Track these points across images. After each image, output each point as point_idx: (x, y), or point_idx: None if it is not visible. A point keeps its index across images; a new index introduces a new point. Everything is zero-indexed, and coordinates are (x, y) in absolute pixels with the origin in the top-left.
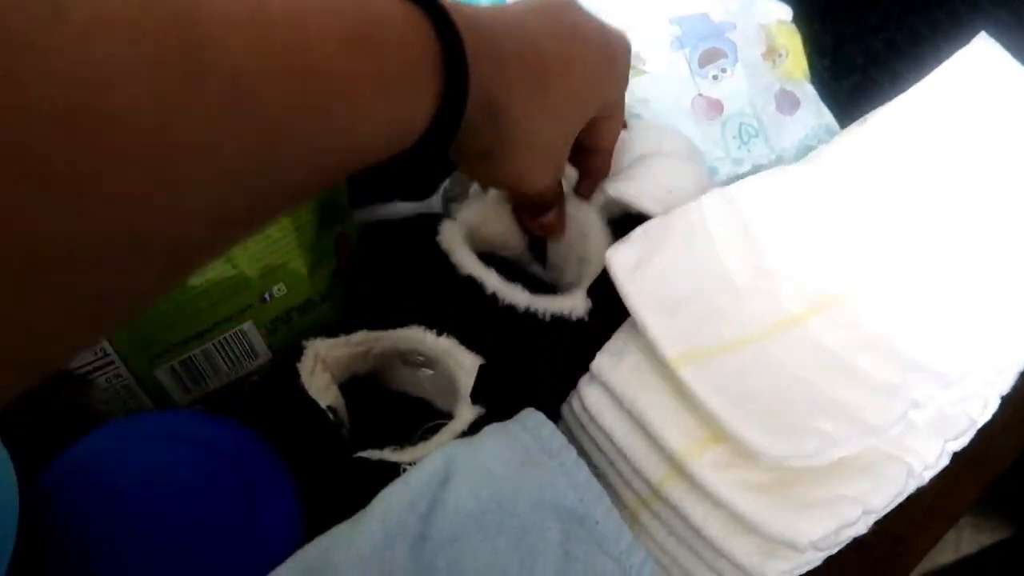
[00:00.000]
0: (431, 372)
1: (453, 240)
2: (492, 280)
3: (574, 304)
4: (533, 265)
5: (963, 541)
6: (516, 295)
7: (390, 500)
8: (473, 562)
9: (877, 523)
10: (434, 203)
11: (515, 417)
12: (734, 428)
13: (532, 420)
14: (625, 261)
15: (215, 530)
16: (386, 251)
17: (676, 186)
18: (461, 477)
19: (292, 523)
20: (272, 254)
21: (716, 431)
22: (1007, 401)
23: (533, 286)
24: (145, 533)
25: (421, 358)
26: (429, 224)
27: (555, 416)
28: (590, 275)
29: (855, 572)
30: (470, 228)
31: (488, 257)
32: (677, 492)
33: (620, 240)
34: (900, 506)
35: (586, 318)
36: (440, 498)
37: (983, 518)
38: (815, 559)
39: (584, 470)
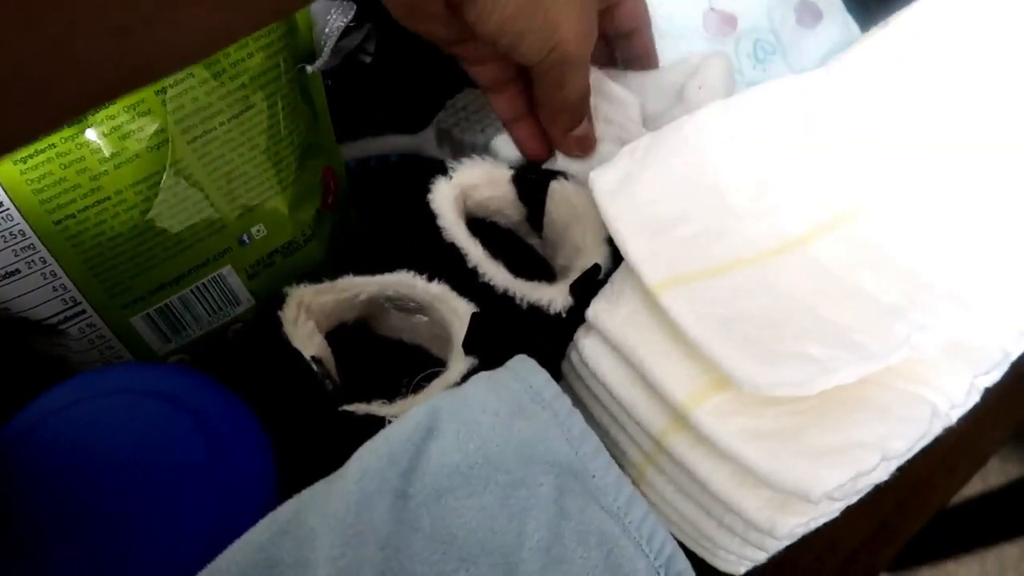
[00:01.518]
0: (425, 318)
1: (443, 203)
2: (476, 253)
3: (553, 297)
4: (532, 237)
5: (990, 473)
6: (497, 274)
7: (368, 456)
8: (459, 519)
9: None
10: (427, 136)
11: (505, 365)
12: (715, 354)
13: (523, 367)
14: (608, 183)
15: (183, 490)
16: (376, 193)
17: None
18: (446, 429)
19: (266, 484)
20: (249, 192)
21: (720, 377)
22: None
23: (527, 260)
24: (110, 490)
25: (413, 304)
26: (422, 171)
27: None
28: (579, 268)
29: (871, 519)
30: (464, 190)
31: (486, 224)
32: (681, 444)
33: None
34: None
35: (564, 314)
36: (423, 452)
37: (1012, 449)
38: (831, 511)
39: (580, 421)
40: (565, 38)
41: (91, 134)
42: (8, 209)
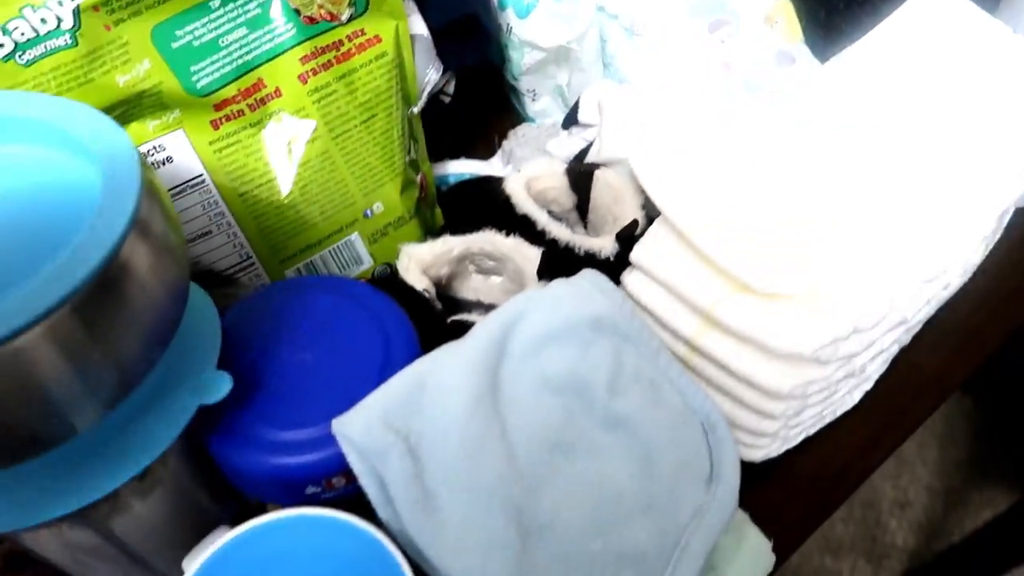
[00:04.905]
0: (499, 278)
1: (515, 188)
2: (542, 217)
3: (603, 244)
4: (578, 226)
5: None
6: (560, 231)
7: (479, 330)
8: (549, 365)
9: (878, 395)
10: (495, 161)
11: (577, 275)
12: (735, 269)
13: (590, 273)
14: (645, 160)
15: (362, 354)
16: (458, 194)
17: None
18: (535, 309)
19: (412, 357)
20: (372, 178)
21: (738, 285)
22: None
23: None
24: (314, 349)
25: (491, 263)
26: (491, 182)
27: None
28: None
29: (861, 436)
30: (528, 180)
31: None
32: (709, 340)
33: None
34: (899, 378)
35: (612, 259)
36: (519, 324)
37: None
38: (823, 376)
39: (631, 305)
40: None
41: (264, 133)
42: (208, 185)
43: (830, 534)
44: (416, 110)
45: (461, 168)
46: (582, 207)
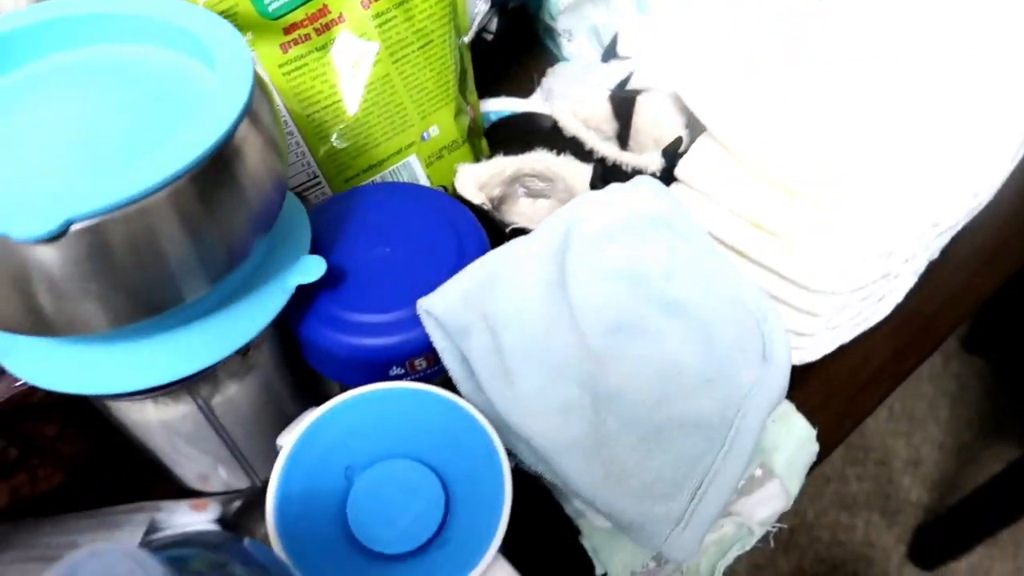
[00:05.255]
0: (548, 201)
1: (563, 112)
2: (591, 137)
3: (650, 161)
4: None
5: (979, 474)
6: (608, 149)
7: (544, 227)
8: (607, 255)
9: (907, 308)
10: (535, 100)
11: (631, 180)
12: (782, 177)
13: (644, 178)
14: (689, 76)
15: (435, 254)
16: (505, 125)
17: None
18: (595, 208)
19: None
20: (428, 102)
21: (783, 190)
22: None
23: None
24: (388, 253)
25: (541, 184)
26: (536, 113)
27: None
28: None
29: (890, 347)
30: (573, 108)
31: None
32: (757, 246)
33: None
34: (927, 292)
35: (658, 174)
36: (581, 221)
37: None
38: (865, 273)
39: (681, 205)
40: None
41: (332, 54)
42: (278, 106)
43: (845, 491)
44: (467, 39)
45: (502, 105)
46: (623, 135)
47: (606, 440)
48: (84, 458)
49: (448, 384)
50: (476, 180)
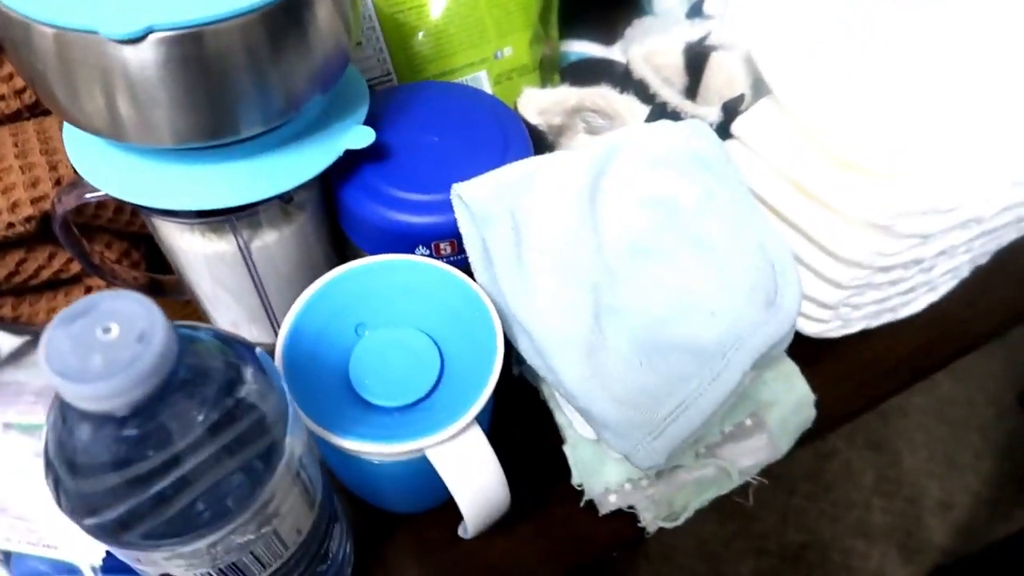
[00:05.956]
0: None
1: (635, 57)
2: (656, 81)
3: (709, 112)
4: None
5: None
6: (671, 95)
7: (590, 146)
8: (645, 182)
9: (943, 307)
10: (615, 50)
11: (682, 120)
12: (839, 144)
13: (694, 120)
14: (766, 39)
15: (481, 149)
16: (581, 66)
17: None
18: (642, 136)
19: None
20: (507, 22)
21: (834, 159)
22: None
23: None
24: (436, 141)
25: (601, 121)
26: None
27: None
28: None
29: (919, 340)
30: (647, 53)
31: None
32: (795, 208)
33: None
34: (970, 295)
35: (714, 127)
36: (625, 146)
37: None
38: (893, 251)
39: (724, 150)
40: None
41: None
42: (367, 1)
43: (867, 519)
44: None
45: (582, 48)
46: (692, 89)
47: (601, 346)
48: (135, 288)
49: (468, 274)
50: (539, 104)
